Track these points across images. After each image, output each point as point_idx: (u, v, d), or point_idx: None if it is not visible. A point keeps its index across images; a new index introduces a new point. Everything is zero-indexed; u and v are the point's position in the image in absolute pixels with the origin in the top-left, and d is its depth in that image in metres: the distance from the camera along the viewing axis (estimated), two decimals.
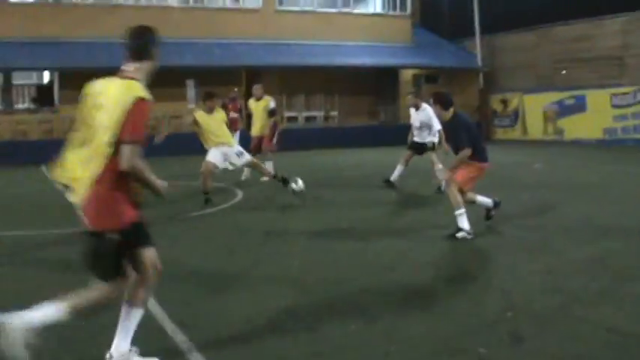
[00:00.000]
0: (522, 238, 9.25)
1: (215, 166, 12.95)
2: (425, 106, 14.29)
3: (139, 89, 4.62)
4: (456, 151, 9.53)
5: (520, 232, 9.69)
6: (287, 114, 31.51)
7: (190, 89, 29.79)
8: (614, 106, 28.21)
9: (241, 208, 12.39)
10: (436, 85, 34.73)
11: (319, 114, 32.35)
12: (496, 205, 9.99)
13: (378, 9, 34.87)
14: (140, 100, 4.51)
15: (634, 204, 11.99)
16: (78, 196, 4.58)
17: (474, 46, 34.95)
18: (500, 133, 33.92)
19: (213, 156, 12.92)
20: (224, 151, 13.00)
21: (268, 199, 13.34)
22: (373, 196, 13.67)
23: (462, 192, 9.33)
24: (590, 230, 9.59)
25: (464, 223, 9.14)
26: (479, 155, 9.48)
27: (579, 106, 29.84)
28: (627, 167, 18.95)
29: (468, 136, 9.36)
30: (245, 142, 16.51)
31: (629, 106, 27.72)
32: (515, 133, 33.10)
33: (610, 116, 28.36)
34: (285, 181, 13.25)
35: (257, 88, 17.26)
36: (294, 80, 31.34)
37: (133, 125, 4.49)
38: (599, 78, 29.92)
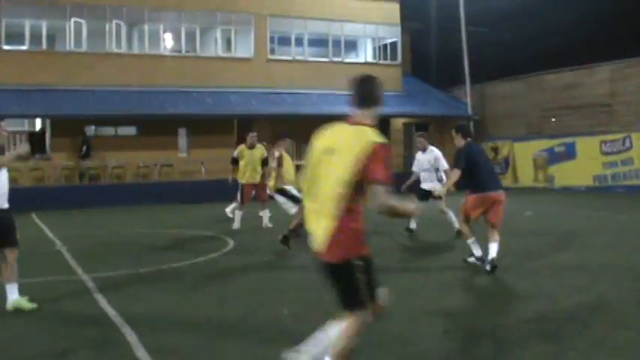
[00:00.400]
0: (515, 284, 9.24)
1: None
2: (431, 148, 14.99)
3: (374, 134, 4.96)
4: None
5: (512, 278, 9.67)
6: None
7: (182, 138, 29.86)
8: (604, 153, 28.35)
9: (232, 257, 12.30)
10: (427, 134, 34.94)
11: None
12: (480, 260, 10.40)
13: (369, 58, 35.21)
14: (379, 145, 4.84)
15: (624, 250, 11.99)
16: (316, 245, 4.99)
17: (464, 95, 35.21)
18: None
19: None
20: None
21: (259, 248, 13.27)
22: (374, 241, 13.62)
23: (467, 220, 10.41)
24: (582, 277, 9.57)
25: (476, 250, 10.36)
26: (480, 186, 10.15)
27: (569, 154, 29.99)
28: (617, 214, 18.98)
29: (463, 160, 10.19)
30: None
31: (618, 152, 27.85)
32: (506, 181, 33.08)
33: (600, 163, 28.48)
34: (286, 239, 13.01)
35: (252, 137, 17.45)
36: (284, 129, 31.38)
37: (381, 167, 4.78)
38: (589, 125, 30.16)
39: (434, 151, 14.82)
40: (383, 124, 32.48)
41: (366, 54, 35.31)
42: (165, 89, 29.70)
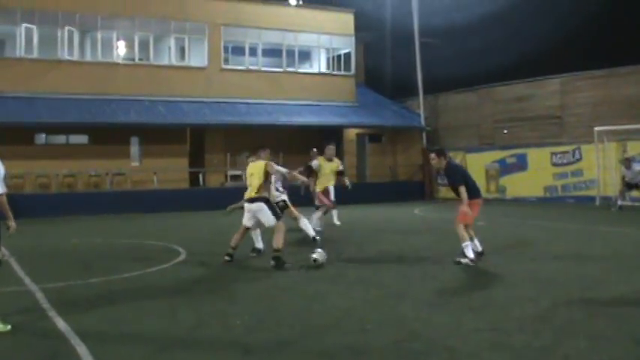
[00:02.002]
0: (466, 295, 9.31)
1: None
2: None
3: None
4: (455, 192, 11.82)
5: (464, 289, 9.75)
6: (231, 172, 31.43)
7: (134, 147, 29.59)
8: (554, 165, 28.75)
9: (184, 267, 12.21)
10: (380, 145, 35.13)
11: None
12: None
13: (323, 68, 35.25)
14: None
15: (574, 261, 12.15)
16: None
17: (418, 106, 35.43)
18: (443, 192, 34.12)
19: None
20: None
21: (212, 258, 13.17)
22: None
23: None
24: (533, 287, 9.67)
25: (469, 252, 11.47)
26: (472, 193, 11.85)
27: (520, 165, 30.35)
28: (567, 224, 19.24)
29: (460, 176, 11.97)
30: None
31: (568, 164, 28.27)
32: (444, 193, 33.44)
33: (550, 174, 28.87)
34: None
35: (330, 149, 17.85)
36: (238, 139, 31.33)
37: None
38: (540, 137, 30.59)
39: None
40: (336, 135, 32.62)
41: (319, 64, 35.35)
42: (117, 97, 29.41)
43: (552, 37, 42.45)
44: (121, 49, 31.24)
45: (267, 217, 12.19)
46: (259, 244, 13.43)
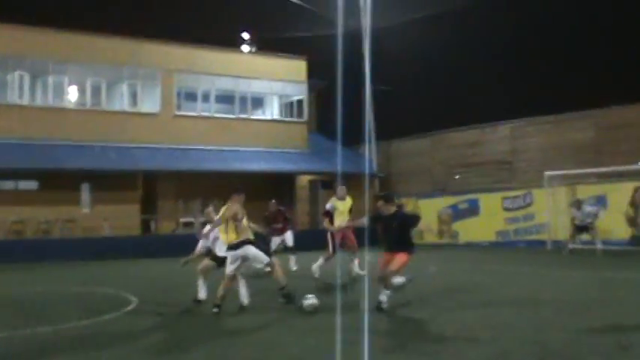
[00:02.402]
0: (421, 340, 9.28)
1: None
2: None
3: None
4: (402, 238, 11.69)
5: (418, 334, 9.72)
6: (183, 219, 31.22)
7: (85, 193, 29.23)
8: (506, 209, 29.06)
9: (136, 315, 12.00)
10: (332, 191, 35.14)
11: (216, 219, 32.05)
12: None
13: (275, 115, 35.38)
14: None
15: (527, 304, 12.21)
16: None
17: (370, 152, 35.59)
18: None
19: None
20: None
21: (163, 305, 13.00)
22: (274, 299, 13.53)
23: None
24: (486, 330, 9.67)
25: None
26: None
27: (473, 210, 30.63)
28: (520, 268, 19.39)
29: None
30: None
31: (519, 208, 28.60)
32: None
33: (502, 219, 29.16)
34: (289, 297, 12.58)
35: (342, 189, 17.80)
36: (190, 185, 31.21)
37: None
38: (491, 182, 30.96)
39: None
40: (288, 181, 32.65)
41: (272, 111, 35.47)
42: (68, 143, 29.14)
43: (503, 83, 43.24)
44: (72, 94, 31.05)
45: (259, 257, 11.94)
46: (202, 295, 13.11)
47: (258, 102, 35.32)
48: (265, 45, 36.72)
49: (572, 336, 9.23)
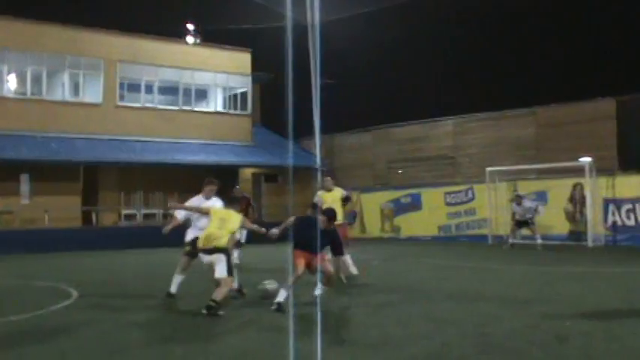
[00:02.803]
0: (362, 334, 9.31)
1: None
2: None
3: None
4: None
5: (360, 328, 9.76)
6: (125, 211, 30.94)
7: (24, 184, 28.70)
8: (448, 204, 29.36)
9: (76, 310, 11.82)
10: (276, 184, 35.12)
11: (159, 211, 31.86)
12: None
13: (219, 107, 35.18)
14: None
15: (468, 298, 12.34)
16: None
17: (314, 146, 35.64)
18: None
19: None
20: None
21: (103, 300, 12.85)
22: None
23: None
24: (427, 324, 9.76)
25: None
26: None
27: (415, 204, 30.87)
28: (461, 263, 19.60)
29: None
30: None
31: (461, 203, 28.92)
32: (354, 231, 33.72)
33: (444, 214, 29.45)
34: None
35: (327, 181, 17.11)
36: (133, 177, 30.94)
37: None
38: (434, 177, 31.24)
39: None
40: (231, 174, 32.51)
41: (216, 103, 35.28)
42: (7, 132, 28.58)
43: (446, 79, 43.64)
44: (11, 82, 30.45)
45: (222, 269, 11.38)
46: (174, 289, 12.95)
47: (202, 94, 35.09)
48: (210, 36, 36.46)
49: (512, 329, 9.36)
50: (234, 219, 11.89)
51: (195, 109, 34.18)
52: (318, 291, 11.46)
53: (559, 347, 8.30)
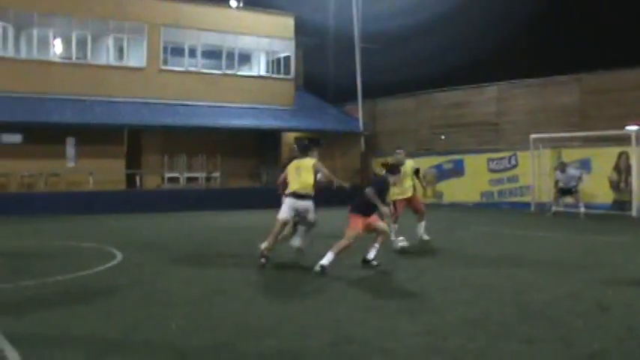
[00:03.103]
0: (403, 299, 9.37)
1: None
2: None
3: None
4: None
5: (401, 293, 9.82)
6: (168, 174, 31.19)
7: (70, 147, 29.06)
8: (491, 170, 29.16)
9: (119, 270, 12.03)
10: (319, 149, 35.08)
11: (201, 175, 32.09)
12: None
13: (262, 71, 35.19)
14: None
15: (509, 265, 12.33)
16: None
17: (356, 111, 35.60)
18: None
19: None
20: None
21: (147, 261, 13.04)
22: (254, 257, 13.59)
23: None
24: (467, 291, 9.78)
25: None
26: None
27: (457, 170, 30.72)
28: (502, 229, 19.53)
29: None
30: None
31: (504, 170, 28.70)
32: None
33: (487, 180, 29.25)
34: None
35: (398, 153, 16.66)
36: (176, 140, 31.13)
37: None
38: (476, 143, 30.99)
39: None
40: (273, 138, 32.59)
41: (259, 67, 35.28)
42: (53, 96, 28.93)
43: (490, 45, 43.15)
44: (57, 47, 30.76)
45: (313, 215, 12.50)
46: (297, 242, 13.23)
47: (245, 58, 35.13)
48: (253, 0, 36.41)
49: (552, 297, 9.34)
50: (306, 164, 12.58)
51: (238, 73, 34.22)
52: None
53: (600, 317, 8.27)
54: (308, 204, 12.42)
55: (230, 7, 35.30)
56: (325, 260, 11.18)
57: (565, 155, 25.81)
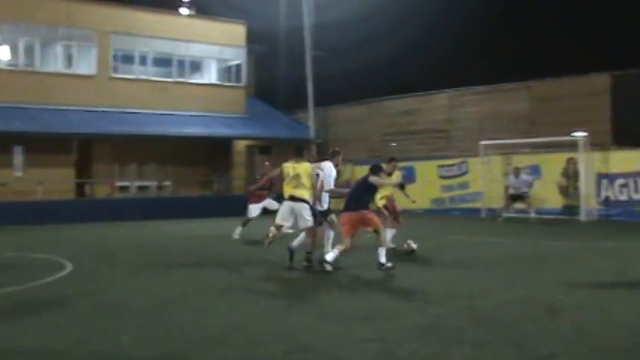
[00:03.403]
0: (356, 306, 9.36)
1: None
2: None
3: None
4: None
5: (354, 300, 9.82)
6: (119, 183, 30.87)
7: (17, 156, 28.58)
8: (442, 177, 29.37)
9: (70, 281, 11.86)
10: (270, 156, 35.07)
11: (152, 184, 31.83)
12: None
13: (213, 79, 35.01)
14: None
15: (461, 271, 12.42)
16: None
17: (308, 118, 35.64)
18: (333, 203, 34.54)
19: None
20: None
21: (98, 271, 12.90)
22: (207, 265, 13.51)
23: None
24: (420, 297, 9.84)
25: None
26: None
27: (409, 177, 30.82)
28: (454, 236, 19.67)
29: None
30: None
31: (455, 177, 28.93)
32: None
33: (438, 187, 29.45)
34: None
35: (391, 166, 16.90)
36: (127, 149, 30.83)
37: None
38: (427, 150, 31.22)
39: None
40: (225, 146, 32.49)
41: (210, 75, 35.11)
42: (0, 104, 28.46)
43: (440, 53, 43.54)
44: (4, 54, 30.23)
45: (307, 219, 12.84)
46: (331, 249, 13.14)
47: (196, 66, 34.91)
48: (204, 8, 36.28)
49: (504, 302, 9.44)
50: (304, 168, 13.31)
51: (189, 81, 34.01)
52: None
53: (550, 320, 8.37)
54: (303, 206, 12.86)
55: (181, 14, 35.11)
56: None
57: (515, 161, 26.09)
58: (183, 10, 35.54)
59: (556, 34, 41.87)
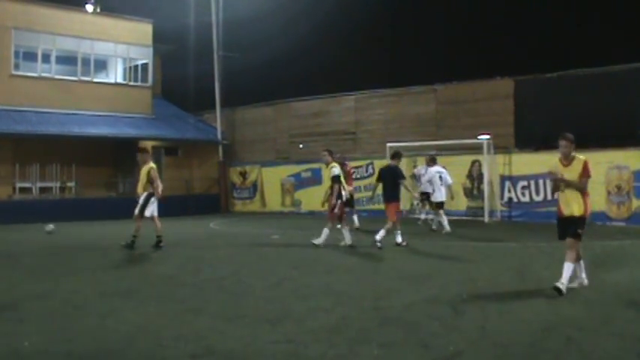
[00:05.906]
0: (263, 308, 9.33)
1: None
2: None
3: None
4: None
5: (261, 302, 9.78)
6: (20, 184, 30.06)
7: None
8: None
9: None
10: (176, 158, 34.74)
11: (55, 185, 31.09)
12: None
13: (119, 79, 34.45)
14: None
15: (367, 272, 12.53)
16: None
17: (215, 119, 35.44)
18: (239, 205, 34.54)
19: None
20: None
21: None
22: (111, 268, 13.27)
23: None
24: (327, 298, 9.86)
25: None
26: None
27: (315, 179, 31.01)
28: (362, 237, 19.70)
29: None
30: None
31: (362, 178, 29.19)
32: (255, 205, 33.80)
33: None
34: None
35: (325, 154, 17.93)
36: (28, 149, 30.03)
37: None
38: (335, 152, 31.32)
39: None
40: (131, 147, 31.96)
41: (116, 74, 34.52)
42: None
43: (348, 55, 43.84)
44: None
45: None
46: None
47: (101, 64, 34.28)
48: (110, 6, 35.63)
49: (410, 302, 9.54)
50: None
51: (95, 80, 33.35)
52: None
53: (455, 320, 8.50)
54: None
55: (87, 11, 34.40)
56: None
57: (420, 163, 26.37)
58: (89, 7, 34.82)
59: (461, 39, 42.63)
